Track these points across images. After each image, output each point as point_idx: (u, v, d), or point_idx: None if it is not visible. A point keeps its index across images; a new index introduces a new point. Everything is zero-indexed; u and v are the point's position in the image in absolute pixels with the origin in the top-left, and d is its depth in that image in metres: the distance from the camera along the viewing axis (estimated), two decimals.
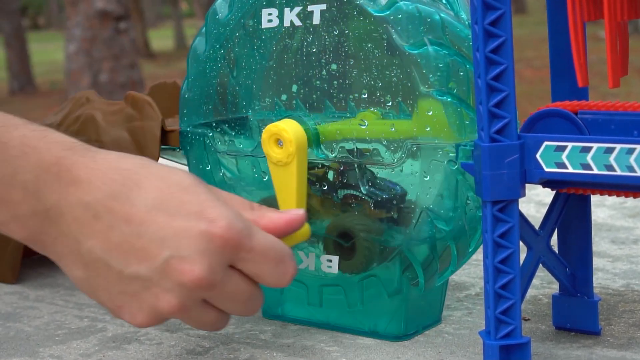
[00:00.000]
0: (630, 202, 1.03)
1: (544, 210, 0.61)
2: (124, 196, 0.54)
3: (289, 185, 0.63)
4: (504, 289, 0.56)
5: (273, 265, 0.56)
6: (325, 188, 0.65)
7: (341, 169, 0.64)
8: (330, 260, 0.66)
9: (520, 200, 0.56)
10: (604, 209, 1.00)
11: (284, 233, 0.59)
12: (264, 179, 0.69)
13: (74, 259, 0.55)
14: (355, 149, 0.63)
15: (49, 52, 13.78)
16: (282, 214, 0.59)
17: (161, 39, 15.95)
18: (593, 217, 0.93)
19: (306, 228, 0.62)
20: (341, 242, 0.65)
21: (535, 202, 1.05)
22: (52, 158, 0.55)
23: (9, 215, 0.56)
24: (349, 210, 0.64)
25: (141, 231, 0.53)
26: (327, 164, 0.65)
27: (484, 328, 0.58)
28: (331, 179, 0.65)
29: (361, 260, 0.64)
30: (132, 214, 0.54)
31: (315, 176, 0.65)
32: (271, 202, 0.66)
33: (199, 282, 0.53)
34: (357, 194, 0.64)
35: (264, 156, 0.64)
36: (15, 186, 0.55)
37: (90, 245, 0.54)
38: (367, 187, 0.63)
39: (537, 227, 0.61)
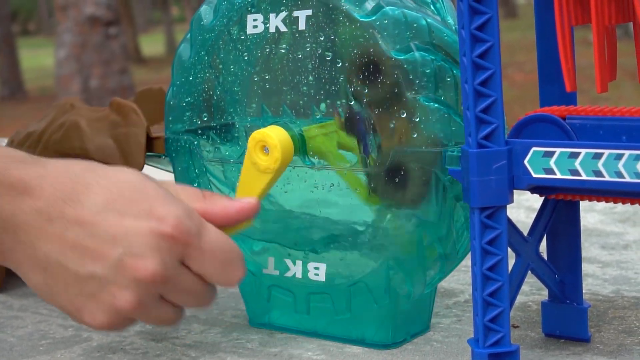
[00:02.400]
0: (620, 207, 1.02)
1: (534, 216, 0.61)
2: (75, 199, 0.56)
3: (256, 186, 0.63)
4: (492, 297, 0.55)
5: (220, 266, 0.57)
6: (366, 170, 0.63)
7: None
8: (318, 268, 0.65)
9: (510, 205, 0.56)
10: (593, 214, 1.00)
11: (235, 221, 0.60)
12: None
13: (32, 264, 0.57)
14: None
15: (39, 58, 13.75)
16: (234, 202, 0.60)
17: (152, 44, 15.93)
18: (583, 222, 0.93)
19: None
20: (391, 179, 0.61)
21: (525, 208, 1.05)
22: (3, 171, 0.57)
23: None
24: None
25: (93, 232, 0.55)
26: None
27: (472, 335, 0.58)
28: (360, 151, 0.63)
29: (415, 191, 0.60)
30: (83, 216, 0.55)
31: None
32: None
33: (153, 277, 0.55)
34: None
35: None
36: None
37: (47, 250, 0.56)
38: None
39: (527, 232, 0.60)
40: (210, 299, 0.59)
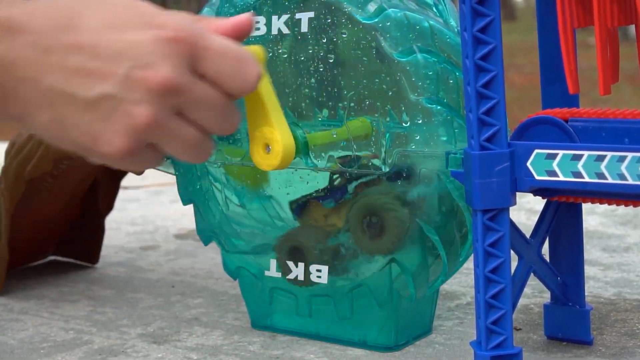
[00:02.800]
0: (621, 209, 1.02)
1: (535, 218, 0.61)
2: (70, 25, 0.54)
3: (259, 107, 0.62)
4: (494, 299, 0.55)
5: (234, 63, 0.54)
6: (337, 194, 0.64)
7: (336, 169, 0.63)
8: (320, 270, 0.65)
9: (511, 207, 0.55)
10: (595, 217, 1.00)
11: (233, 38, 0.57)
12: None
13: (38, 102, 0.54)
14: (347, 157, 0.63)
15: None
16: (228, 19, 0.58)
17: None
18: (584, 224, 0.93)
19: (259, 49, 0.59)
20: (368, 223, 0.63)
21: (526, 210, 1.05)
22: None
23: None
24: (366, 198, 0.63)
25: (94, 53, 0.53)
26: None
27: (475, 338, 0.58)
28: (336, 182, 0.64)
29: (392, 239, 0.62)
30: (81, 40, 0.53)
31: (323, 190, 0.65)
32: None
33: (165, 83, 0.52)
34: (366, 179, 0.63)
35: (253, 165, 0.64)
36: None
37: (50, 81, 0.54)
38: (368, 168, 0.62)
39: (528, 235, 0.60)
40: (235, 117, 0.55)
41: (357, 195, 0.63)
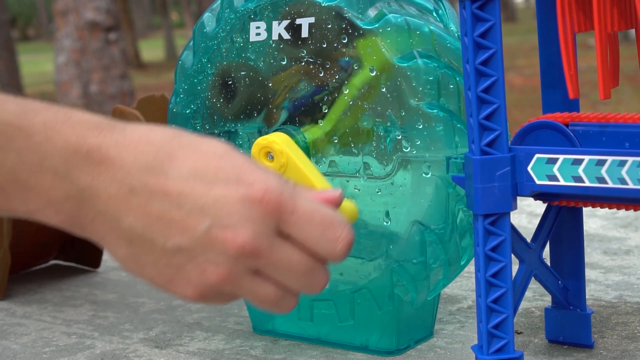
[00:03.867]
0: (622, 212, 1.02)
1: (536, 221, 0.61)
2: (158, 169, 0.53)
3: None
4: (496, 303, 0.55)
5: (320, 229, 0.53)
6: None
7: None
8: None
9: (512, 211, 0.56)
10: (595, 220, 1.00)
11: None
12: None
13: (116, 237, 0.54)
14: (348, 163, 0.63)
15: (38, 63, 13.75)
16: (318, 193, 0.56)
17: (152, 49, 15.94)
18: (585, 227, 0.93)
19: (352, 206, 0.58)
20: None
21: (527, 213, 1.05)
22: (79, 139, 0.54)
23: (42, 202, 0.54)
24: None
25: (180, 202, 0.52)
26: None
27: (476, 342, 0.58)
28: None
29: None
30: (168, 186, 0.52)
31: None
32: None
33: (242, 248, 0.51)
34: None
35: None
36: (44, 172, 0.53)
37: (130, 222, 0.53)
38: None
39: (529, 238, 0.60)
40: (321, 279, 0.54)
41: None
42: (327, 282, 0.55)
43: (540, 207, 1.04)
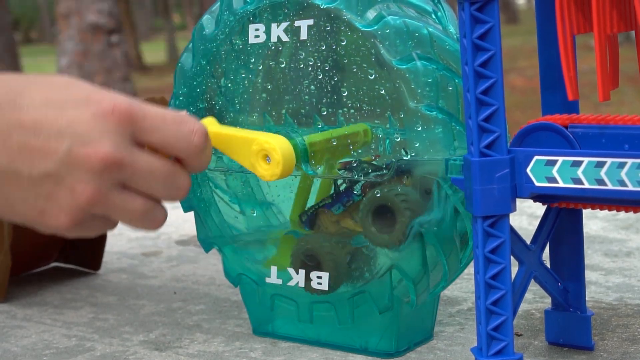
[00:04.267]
0: (622, 213, 1.02)
1: (537, 223, 0.61)
2: (11, 104, 0.54)
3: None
4: (495, 305, 0.55)
5: (175, 127, 0.55)
6: (344, 198, 0.64)
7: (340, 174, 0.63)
8: (320, 277, 0.65)
9: (512, 212, 0.56)
10: (596, 221, 1.00)
11: None
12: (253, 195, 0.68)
13: None
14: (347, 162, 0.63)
15: (41, 66, 13.76)
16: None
17: (154, 51, 15.94)
18: (585, 229, 0.93)
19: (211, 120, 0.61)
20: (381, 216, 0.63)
21: (528, 215, 1.05)
22: None
23: None
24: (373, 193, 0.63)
25: (36, 130, 0.54)
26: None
27: (476, 344, 0.58)
28: (341, 188, 0.64)
29: (403, 230, 0.62)
30: (22, 117, 0.54)
31: (330, 197, 0.65)
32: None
33: (105, 161, 0.53)
34: (372, 178, 0.63)
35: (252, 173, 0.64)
36: None
37: None
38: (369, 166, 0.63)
39: (529, 240, 0.60)
40: (183, 183, 0.57)
41: (366, 194, 0.63)
42: (189, 186, 0.57)
43: (540, 208, 1.04)
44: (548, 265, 0.62)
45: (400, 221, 0.61)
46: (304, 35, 0.63)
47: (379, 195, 0.62)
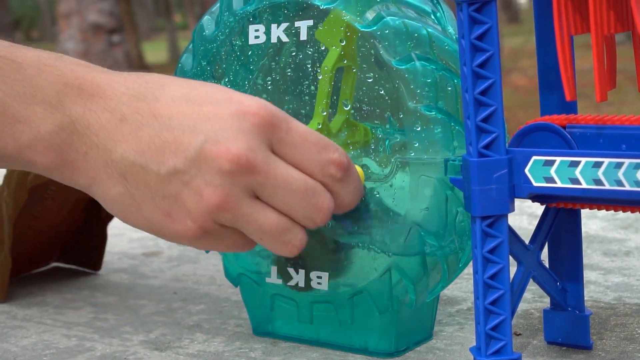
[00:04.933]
0: (622, 213, 1.02)
1: (536, 222, 0.61)
2: (150, 95, 0.52)
3: None
4: (494, 305, 0.56)
5: (315, 150, 0.51)
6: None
7: None
8: (320, 277, 0.65)
9: (513, 212, 0.56)
10: (595, 221, 1.00)
11: None
12: None
13: (110, 172, 0.52)
14: None
15: None
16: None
17: (155, 51, 15.95)
18: (585, 228, 0.93)
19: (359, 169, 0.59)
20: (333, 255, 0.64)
21: (528, 214, 1.05)
22: (71, 73, 0.53)
23: (33, 135, 0.52)
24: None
25: (171, 124, 0.51)
26: None
27: (475, 343, 0.58)
28: None
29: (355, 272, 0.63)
30: (158, 109, 0.51)
31: None
32: None
33: (237, 160, 0.49)
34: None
35: None
36: (37, 103, 0.52)
37: (122, 151, 0.51)
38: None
39: (529, 239, 0.60)
40: (324, 198, 0.52)
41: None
42: (331, 209, 0.51)
43: (540, 208, 1.04)
44: (547, 265, 0.62)
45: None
46: (303, 36, 0.63)
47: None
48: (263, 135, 0.50)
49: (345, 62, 0.62)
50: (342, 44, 0.62)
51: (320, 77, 0.62)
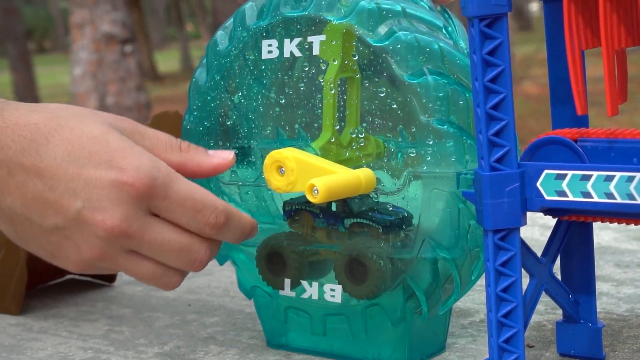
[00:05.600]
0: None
1: (548, 234, 0.61)
2: (33, 151, 0.55)
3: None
4: (506, 318, 0.56)
5: (190, 215, 0.56)
6: (331, 219, 0.65)
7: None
8: (334, 290, 0.66)
9: (523, 225, 0.56)
10: (608, 232, 1.00)
11: (210, 175, 0.61)
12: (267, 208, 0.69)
13: (0, 213, 0.57)
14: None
15: (55, 75, 13.83)
16: (210, 158, 0.60)
17: (167, 60, 16.01)
18: (597, 240, 0.93)
19: (369, 174, 0.61)
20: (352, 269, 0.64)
21: (540, 226, 1.05)
22: None
23: None
24: (357, 239, 0.64)
25: (53, 184, 0.55)
26: None
27: (488, 356, 0.58)
28: (334, 209, 0.65)
29: (372, 288, 0.63)
30: (42, 168, 0.55)
31: (318, 208, 0.65)
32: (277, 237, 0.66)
33: (112, 231, 0.54)
34: (364, 221, 0.64)
35: (267, 186, 0.65)
36: None
37: (10, 202, 0.56)
38: (373, 212, 0.63)
39: (541, 251, 0.60)
40: (197, 257, 0.57)
41: (350, 234, 0.64)
42: (207, 260, 0.57)
43: (553, 219, 1.04)
44: (559, 277, 0.63)
45: (370, 280, 0.63)
46: (316, 50, 0.64)
47: (357, 246, 0.63)
48: (140, 204, 0.55)
49: (346, 71, 0.63)
50: (335, 62, 0.62)
51: (324, 90, 0.63)
